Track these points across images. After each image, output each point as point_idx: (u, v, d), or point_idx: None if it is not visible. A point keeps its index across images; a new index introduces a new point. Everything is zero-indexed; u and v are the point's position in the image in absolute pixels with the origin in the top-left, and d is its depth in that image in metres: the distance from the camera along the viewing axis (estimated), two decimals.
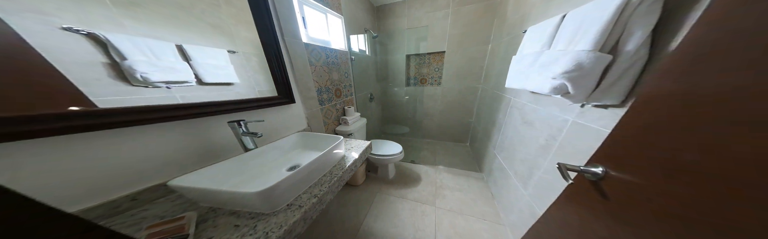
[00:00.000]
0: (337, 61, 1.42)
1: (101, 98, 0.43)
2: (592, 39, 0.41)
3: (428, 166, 1.83)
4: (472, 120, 2.08)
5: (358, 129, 1.54)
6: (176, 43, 0.55)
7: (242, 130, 0.66)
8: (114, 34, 0.44)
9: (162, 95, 0.53)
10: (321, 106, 1.27)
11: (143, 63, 0.48)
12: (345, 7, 1.44)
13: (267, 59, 0.83)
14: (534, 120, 0.85)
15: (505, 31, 1.36)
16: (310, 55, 1.13)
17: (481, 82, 1.88)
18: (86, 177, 0.44)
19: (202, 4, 0.60)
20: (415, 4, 1.81)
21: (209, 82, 0.64)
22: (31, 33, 0.35)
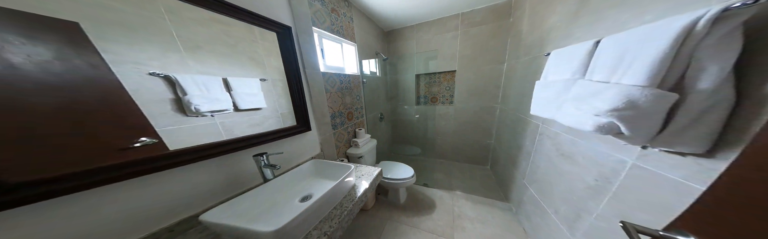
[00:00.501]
0: (350, 86, 1.56)
1: (163, 128, 0.51)
2: (646, 73, 0.36)
3: (443, 191, 1.76)
4: (491, 142, 2.02)
5: (368, 151, 1.60)
6: (223, 77, 0.66)
7: (264, 163, 0.74)
8: (181, 74, 0.54)
9: (206, 122, 0.61)
10: (334, 130, 1.37)
11: (198, 96, 0.58)
12: (358, 35, 1.64)
13: (290, 92, 0.95)
14: (574, 153, 0.78)
15: (522, 51, 1.37)
16: (327, 83, 1.27)
17: (498, 102, 1.87)
18: (137, 213, 0.50)
19: (243, 42, 0.73)
20: (423, 27, 2.00)
21: (243, 109, 0.73)
22: (128, 78, 0.45)
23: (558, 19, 0.97)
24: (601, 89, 0.45)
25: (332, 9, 1.30)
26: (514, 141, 1.42)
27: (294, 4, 0.96)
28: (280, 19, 0.89)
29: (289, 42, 0.90)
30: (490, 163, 2.10)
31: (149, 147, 0.49)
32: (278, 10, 0.89)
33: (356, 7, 1.55)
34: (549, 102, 0.74)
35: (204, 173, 0.64)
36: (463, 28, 1.81)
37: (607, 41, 0.51)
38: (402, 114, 2.51)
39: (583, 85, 0.54)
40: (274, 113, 0.87)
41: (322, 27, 1.22)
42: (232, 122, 0.70)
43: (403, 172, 1.57)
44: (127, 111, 0.45)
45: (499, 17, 1.66)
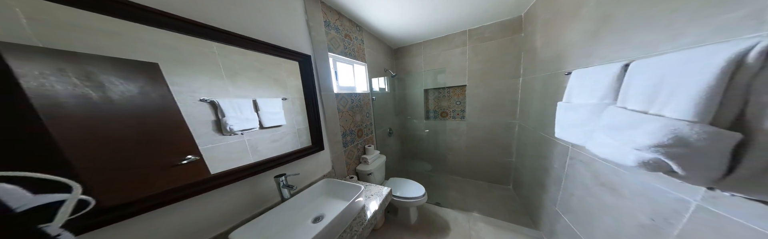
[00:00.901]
0: (360, 104, 1.68)
1: (203, 147, 0.61)
2: (692, 107, 0.33)
3: (458, 212, 1.70)
4: (512, 160, 1.96)
5: (377, 167, 1.64)
6: (253, 98, 0.77)
7: (282, 183, 0.84)
8: (222, 98, 0.66)
9: (237, 140, 0.71)
10: (344, 148, 1.45)
11: (233, 117, 0.69)
12: (368, 55, 1.81)
13: (307, 114, 1.08)
14: (617, 185, 0.72)
15: (538, 66, 1.39)
16: (339, 103, 1.39)
17: (516, 118, 1.85)
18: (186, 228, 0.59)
19: (270, 66, 0.86)
20: (430, 44, 2.16)
21: (267, 126, 0.83)
22: (184, 105, 0.56)
23: (575, 36, 0.98)
24: (641, 121, 0.42)
25: (346, 35, 1.48)
26: (539, 163, 1.35)
27: (313, 34, 1.13)
28: (301, 49, 1.04)
29: (308, 69, 1.04)
30: (512, 183, 2.01)
31: (192, 163, 0.58)
32: (300, 41, 1.05)
33: (367, 30, 1.75)
34: (575, 127, 0.72)
35: (234, 192, 0.73)
36: (471, 44, 1.90)
37: (638, 66, 0.50)
38: (411, 128, 2.58)
39: (616, 113, 0.51)
40: (291, 129, 0.97)
41: (336, 52, 1.38)
42: (257, 139, 0.79)
43: (414, 190, 1.57)
44: (181, 133, 0.56)
45: (509, 32, 1.71)
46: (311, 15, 1.12)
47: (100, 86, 0.42)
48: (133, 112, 0.47)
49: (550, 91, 1.20)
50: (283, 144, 0.93)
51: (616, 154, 0.48)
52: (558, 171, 1.13)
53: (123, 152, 0.46)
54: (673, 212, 0.53)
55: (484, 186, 2.11)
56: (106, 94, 0.43)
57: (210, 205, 0.65)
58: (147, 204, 0.49)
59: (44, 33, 0.37)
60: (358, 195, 0.82)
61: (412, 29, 1.81)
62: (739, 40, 0.32)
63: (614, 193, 0.74)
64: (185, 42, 0.57)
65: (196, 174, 0.60)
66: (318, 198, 0.99)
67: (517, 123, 1.84)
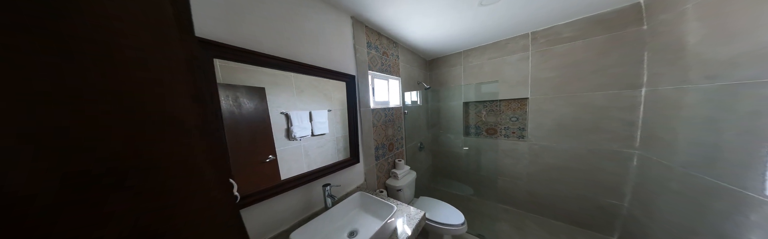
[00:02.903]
0: (393, 118, 2.04)
1: (278, 149, 0.99)
2: None
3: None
4: (622, 205, 1.69)
5: (408, 184, 1.92)
6: (309, 110, 1.16)
7: (327, 193, 1.18)
8: (293, 111, 1.05)
9: (296, 145, 1.09)
10: (376, 161, 1.79)
11: (297, 126, 1.07)
12: (402, 69, 2.20)
13: (349, 130, 1.47)
14: None
15: (694, 71, 1.13)
16: (374, 118, 1.75)
17: (635, 147, 1.58)
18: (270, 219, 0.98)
19: (322, 83, 1.26)
20: (472, 53, 2.32)
21: (316, 134, 1.21)
22: (272, 116, 0.96)
23: None
24: None
25: (384, 52, 1.89)
26: (702, 222, 1.08)
27: (358, 56, 1.55)
28: (348, 70, 1.46)
29: (352, 87, 1.44)
30: (618, 234, 1.73)
31: (271, 162, 0.96)
32: (348, 63, 1.48)
33: (402, 45, 2.16)
34: None
35: (295, 196, 1.10)
36: (537, 48, 1.89)
37: None
38: (445, 144, 2.80)
39: None
40: (332, 137, 1.33)
41: (374, 69, 1.79)
42: (309, 145, 1.17)
43: (452, 216, 1.67)
44: (268, 138, 0.95)
45: (611, 27, 1.56)
46: (358, 39, 1.55)
47: (238, 105, 0.83)
48: (249, 122, 0.87)
49: (735, 114, 0.94)
50: (326, 150, 1.29)
51: None
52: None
53: (241, 151, 0.86)
54: None
55: (562, 229, 1.91)
56: (240, 110, 0.84)
57: (281, 205, 1.03)
58: (253, 197, 0.88)
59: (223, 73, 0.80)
60: (391, 215, 1.07)
61: (452, 39, 2.01)
62: None
63: None
64: (275, 72, 0.99)
65: (271, 172, 0.98)
66: (352, 211, 1.31)
67: (638, 154, 1.56)
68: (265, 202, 0.94)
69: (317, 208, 1.24)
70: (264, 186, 0.93)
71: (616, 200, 1.70)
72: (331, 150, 1.34)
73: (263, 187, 0.92)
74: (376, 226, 1.09)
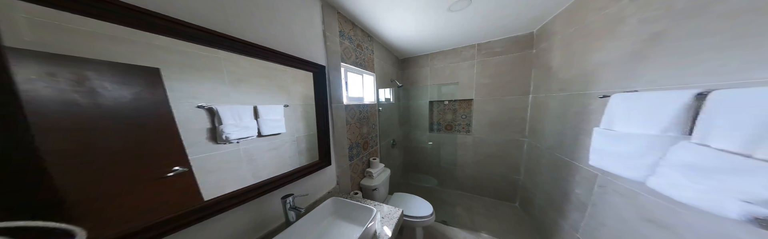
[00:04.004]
0: (367, 115, 1.66)
1: (194, 156, 0.57)
2: None
3: (467, 232, 1.62)
4: (519, 178, 1.94)
5: (383, 182, 1.58)
6: (254, 105, 0.75)
7: (289, 205, 0.80)
8: (222, 105, 0.63)
9: (231, 149, 0.67)
10: (350, 161, 1.41)
11: (231, 125, 0.66)
12: (377, 65, 1.82)
13: (317, 128, 1.06)
14: (673, 225, 0.65)
15: (554, 85, 1.35)
16: (348, 115, 1.37)
17: (526, 136, 1.82)
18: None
19: (276, 72, 0.85)
20: (437, 56, 2.16)
21: (266, 134, 0.80)
22: (180, 112, 0.53)
23: (608, 56, 0.93)
24: (749, 167, 0.38)
25: (358, 45, 1.50)
26: (556, 185, 1.31)
27: (328, 45, 1.14)
28: (316, 59, 1.05)
29: (321, 80, 1.04)
30: (519, 201, 1.98)
31: (179, 175, 0.54)
32: (315, 52, 1.06)
33: (377, 40, 1.78)
34: (627, 158, 0.66)
35: (234, 219, 0.69)
36: (480, 58, 1.92)
37: (724, 97, 0.45)
38: (414, 140, 2.54)
39: (695, 151, 0.47)
40: (291, 137, 0.93)
41: (348, 62, 1.39)
42: (254, 147, 0.76)
43: (421, 208, 1.50)
44: (171, 142, 0.53)
45: (520, 48, 1.72)
46: (328, 25, 1.14)
47: (90, 92, 0.40)
48: (126, 118, 0.45)
49: (571, 113, 1.17)
50: (282, 154, 0.89)
51: (706, 202, 0.44)
52: (582, 198, 1.08)
53: (108, 165, 0.43)
54: None
55: (491, 203, 2.06)
56: (95, 100, 0.41)
57: (213, 233, 0.62)
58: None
59: (40, 35, 0.36)
60: (371, 219, 0.77)
61: (422, 40, 1.83)
62: None
63: (669, 233, 0.66)
64: (192, 47, 0.56)
65: (181, 190, 0.56)
66: (325, 220, 0.94)
67: (527, 141, 1.82)
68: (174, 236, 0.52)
69: (276, 224, 0.85)
70: (166, 215, 0.51)
71: (517, 175, 1.96)
72: (291, 152, 0.94)
73: (165, 216, 0.51)
74: (356, 234, 0.81)
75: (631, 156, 0.65)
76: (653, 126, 0.60)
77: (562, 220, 1.25)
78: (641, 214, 0.76)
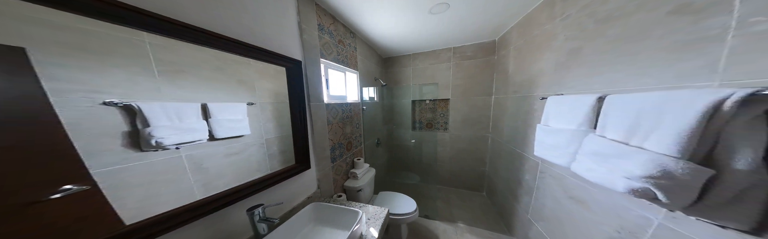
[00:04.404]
0: (351, 114, 1.51)
1: (102, 169, 0.40)
2: (676, 144, 0.36)
3: (446, 224, 1.62)
4: (485, 169, 2.04)
5: (368, 182, 1.46)
6: (201, 103, 0.58)
7: (259, 217, 0.67)
8: (148, 102, 0.47)
9: (166, 157, 0.51)
10: (332, 163, 1.26)
11: (165, 127, 0.49)
12: (360, 63, 1.67)
13: (293, 129, 0.91)
14: (586, 200, 0.76)
15: (510, 88, 1.46)
16: (329, 114, 1.21)
17: (489, 131, 1.93)
18: None
19: (235, 65, 0.68)
20: (419, 57, 2.12)
21: (221, 137, 0.64)
22: (71, 110, 0.36)
23: (546, 65, 1.02)
24: (629, 152, 0.45)
25: (339, 40, 1.34)
26: (512, 174, 1.41)
27: (305, 38, 0.98)
28: (292, 53, 0.88)
29: (297, 76, 0.88)
30: (486, 190, 2.08)
31: (76, 195, 0.38)
32: (290, 45, 0.89)
33: (360, 37, 1.63)
34: (557, 149, 0.74)
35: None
36: (455, 60, 1.94)
37: (614, 101, 0.54)
38: (398, 138, 2.44)
39: (597, 141, 0.55)
40: (258, 140, 0.77)
41: (329, 58, 1.23)
42: (204, 153, 0.59)
43: (406, 205, 1.42)
44: (53, 152, 0.36)
45: (486, 53, 1.80)
46: (304, 16, 0.98)
47: None
48: None
49: (522, 112, 1.27)
50: (245, 159, 0.73)
51: (604, 179, 0.51)
52: (529, 183, 1.18)
53: None
54: (637, 227, 0.58)
55: (465, 194, 2.13)
56: None
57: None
58: None
59: None
60: (357, 221, 0.67)
61: (404, 40, 1.73)
62: (716, 89, 0.34)
63: (584, 207, 0.78)
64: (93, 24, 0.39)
65: (86, 211, 0.39)
66: (305, 229, 0.81)
67: (490, 137, 1.93)
68: None
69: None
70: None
71: (483, 167, 2.05)
72: (258, 157, 0.78)
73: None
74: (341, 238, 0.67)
75: (560, 146, 0.73)
76: (573, 122, 0.69)
77: (516, 204, 1.34)
78: (566, 193, 0.87)
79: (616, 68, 0.65)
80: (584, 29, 0.78)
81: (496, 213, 1.72)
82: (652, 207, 0.53)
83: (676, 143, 0.36)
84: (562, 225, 0.91)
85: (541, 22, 1.07)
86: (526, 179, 1.21)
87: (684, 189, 0.37)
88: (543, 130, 0.84)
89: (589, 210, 0.75)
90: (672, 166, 0.36)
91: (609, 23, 0.68)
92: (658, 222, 0.52)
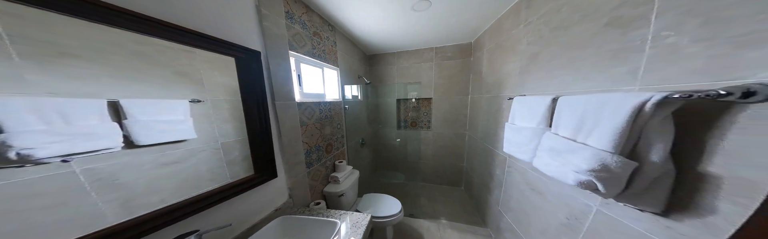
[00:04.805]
0: (331, 114, 1.36)
1: None
2: (611, 141, 0.40)
3: (430, 221, 1.58)
4: (464, 165, 2.07)
5: (351, 185, 1.33)
6: (109, 99, 0.42)
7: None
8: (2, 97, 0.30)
9: (47, 174, 0.35)
10: (308, 168, 1.11)
11: (35, 134, 0.33)
12: (341, 59, 1.52)
13: (248, 133, 0.74)
14: (544, 191, 0.82)
15: (484, 88, 1.49)
16: (303, 115, 1.06)
17: (467, 129, 1.96)
18: None
19: (170, 52, 0.52)
20: (403, 55, 2.04)
21: (147, 144, 0.48)
22: None
23: (512, 67, 1.06)
24: (576, 148, 0.48)
25: (314, 33, 1.18)
26: (485, 169, 1.46)
27: (266, 25, 0.82)
28: (244, 41, 0.71)
29: (254, 69, 0.72)
30: (464, 185, 2.12)
31: None
32: (243, 32, 0.73)
33: (341, 31, 1.48)
34: (522, 146, 0.77)
35: None
36: (437, 60, 1.92)
37: (564, 101, 0.58)
38: (383, 137, 2.34)
39: (552, 138, 0.58)
40: (209, 144, 0.62)
41: (301, 51, 1.07)
42: (118, 165, 0.43)
43: (391, 207, 1.34)
44: None
45: (464, 55, 1.82)
46: (266, 2, 0.82)
47: None
48: None
49: (493, 111, 1.32)
50: (190, 168, 0.57)
51: (559, 173, 0.53)
52: (499, 177, 1.23)
53: None
54: (581, 213, 0.63)
55: (446, 190, 2.14)
56: None
57: None
58: None
59: None
60: (335, 233, 0.59)
61: (389, 38, 1.63)
62: (640, 94, 0.36)
63: (542, 198, 0.84)
64: None
65: None
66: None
67: (468, 134, 1.96)
68: None
69: None
70: None
71: (462, 163, 2.08)
72: (211, 165, 0.63)
73: None
74: None
75: (524, 143, 0.76)
76: (533, 121, 0.73)
77: (489, 197, 1.39)
78: (528, 185, 0.93)
79: (566, 72, 0.70)
80: (542, 36, 0.82)
81: (473, 207, 1.76)
82: (592, 195, 0.59)
83: (612, 140, 0.39)
84: (526, 215, 0.96)
85: (509, 27, 1.11)
86: (497, 173, 1.26)
87: (616, 180, 0.41)
88: (510, 128, 0.87)
89: (546, 200, 0.80)
90: (609, 160, 0.39)
91: (560, 31, 0.71)
92: (596, 209, 0.58)
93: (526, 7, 0.94)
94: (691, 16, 0.38)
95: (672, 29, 0.41)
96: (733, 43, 0.33)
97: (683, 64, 0.39)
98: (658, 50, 0.43)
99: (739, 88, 0.29)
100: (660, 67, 0.43)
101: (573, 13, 0.66)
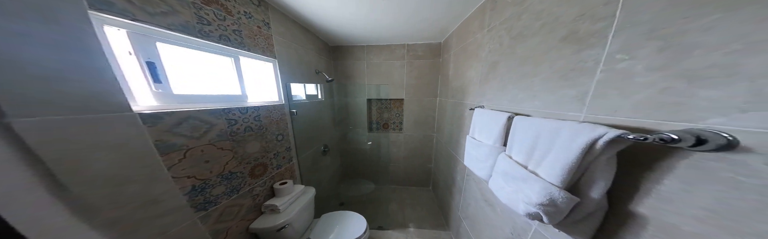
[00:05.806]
0: (262, 123, 0.95)
1: None
2: (560, 175, 0.38)
3: (399, 232, 1.47)
4: (431, 166, 2.03)
5: (299, 210, 1.05)
6: None
7: None
8: None
9: None
10: (205, 211, 0.69)
11: None
12: (281, 47, 1.05)
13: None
14: (495, 204, 0.81)
15: (450, 92, 1.43)
16: (174, 133, 0.58)
17: (435, 131, 1.92)
18: None
19: None
20: (374, 50, 1.76)
21: None
22: None
23: (474, 74, 1.00)
24: (527, 178, 0.45)
25: (221, 4, 0.68)
26: (449, 174, 1.45)
27: None
28: None
29: None
30: (431, 185, 2.09)
31: None
32: None
33: (277, 7, 0.98)
34: (480, 162, 0.73)
35: None
36: (408, 59, 1.76)
37: (518, 122, 0.54)
38: (353, 142, 2.10)
39: (506, 161, 0.55)
40: None
41: (174, 29, 0.57)
42: None
43: (355, 227, 1.16)
44: None
45: (433, 55, 1.71)
46: None
47: None
48: None
49: (457, 117, 1.27)
50: None
51: (511, 201, 0.51)
52: (459, 184, 1.21)
53: None
54: (523, 230, 0.62)
55: (415, 191, 2.10)
56: None
57: None
58: None
59: None
60: None
61: (352, 25, 1.29)
62: (593, 130, 0.33)
63: (493, 210, 0.82)
64: None
65: None
66: None
67: (435, 136, 1.92)
68: None
69: None
70: None
71: (430, 164, 2.01)
72: None
73: None
74: None
75: (481, 160, 0.71)
76: (490, 138, 0.68)
77: (451, 201, 1.37)
78: (483, 196, 0.90)
79: (518, 87, 0.65)
80: (502, 43, 0.76)
81: (438, 208, 1.76)
82: None
83: (560, 174, 0.38)
84: (480, 224, 0.95)
85: (474, 30, 1.03)
86: (458, 180, 1.25)
87: (559, 214, 0.40)
88: (470, 142, 0.82)
89: (496, 212, 0.80)
90: (556, 195, 0.38)
91: (519, 41, 0.65)
92: (535, 228, 0.58)
93: (491, 9, 0.86)
94: (651, 37, 0.32)
95: (627, 52, 0.35)
96: (688, 78, 0.28)
97: (632, 94, 0.34)
98: (609, 75, 0.38)
99: (691, 134, 0.25)
100: (609, 94, 0.38)
101: (533, 22, 0.59)
